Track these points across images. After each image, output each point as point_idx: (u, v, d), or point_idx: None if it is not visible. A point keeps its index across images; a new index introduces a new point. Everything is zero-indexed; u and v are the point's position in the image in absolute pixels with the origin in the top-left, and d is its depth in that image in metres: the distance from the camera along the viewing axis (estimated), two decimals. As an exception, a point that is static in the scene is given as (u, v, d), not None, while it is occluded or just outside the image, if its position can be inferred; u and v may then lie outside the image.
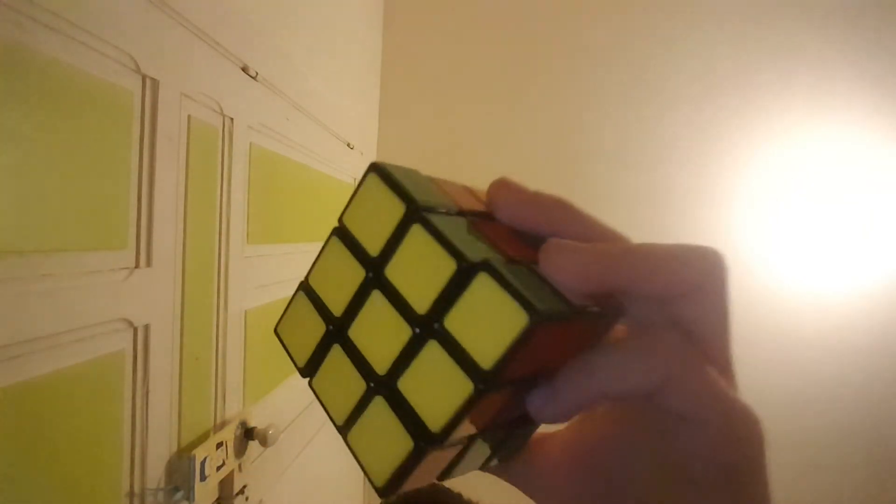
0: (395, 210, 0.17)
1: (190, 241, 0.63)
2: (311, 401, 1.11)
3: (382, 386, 0.17)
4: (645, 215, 1.62)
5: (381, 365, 0.17)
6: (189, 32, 0.62)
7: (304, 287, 0.20)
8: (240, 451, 0.75)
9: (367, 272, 0.17)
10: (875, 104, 1.56)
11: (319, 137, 1.11)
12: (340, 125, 1.25)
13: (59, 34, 0.43)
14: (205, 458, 0.64)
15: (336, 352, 0.18)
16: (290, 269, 0.98)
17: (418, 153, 1.72)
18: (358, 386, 0.17)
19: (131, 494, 0.54)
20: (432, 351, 0.16)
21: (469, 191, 0.20)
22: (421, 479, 0.17)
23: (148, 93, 0.55)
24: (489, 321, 0.15)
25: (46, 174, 0.43)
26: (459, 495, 0.94)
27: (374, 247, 0.17)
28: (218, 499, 0.72)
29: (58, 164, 0.45)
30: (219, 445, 0.68)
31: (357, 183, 0.18)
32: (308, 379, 0.20)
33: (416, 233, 0.16)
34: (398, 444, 0.16)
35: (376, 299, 0.17)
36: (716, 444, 0.16)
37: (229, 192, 0.73)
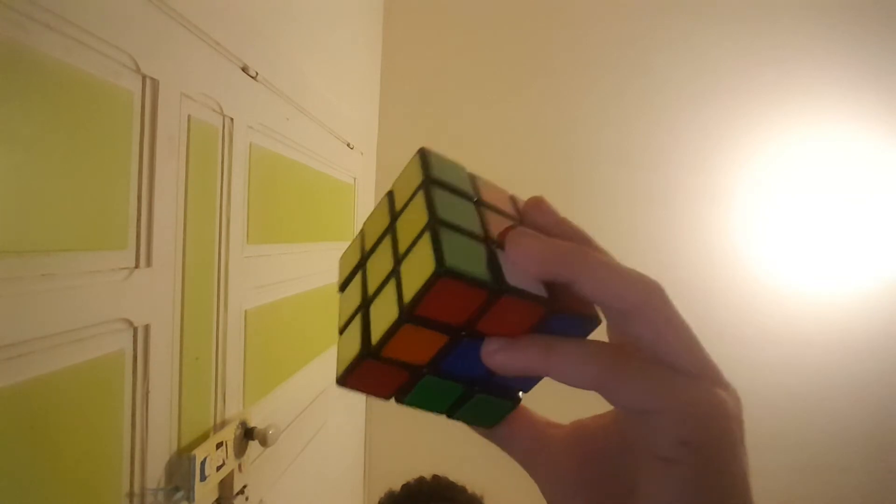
0: (415, 179, 0.22)
1: (190, 241, 0.63)
2: (311, 401, 1.11)
3: (364, 306, 0.22)
4: (644, 214, 1.62)
5: (370, 291, 0.22)
6: (189, 32, 0.62)
7: (361, 230, 0.25)
8: (240, 451, 0.75)
9: (389, 222, 0.22)
10: (875, 104, 1.56)
11: (319, 137, 1.11)
12: (340, 125, 1.25)
13: (59, 34, 0.43)
14: (205, 458, 0.64)
15: (357, 277, 0.23)
16: (290, 269, 0.98)
17: (418, 153, 1.72)
18: (355, 303, 0.22)
19: (131, 494, 0.55)
20: (391, 284, 0.20)
21: (510, 198, 0.24)
22: (375, 387, 0.22)
23: (148, 93, 0.55)
24: (419, 266, 0.19)
25: (46, 174, 0.43)
26: (464, 488, 0.94)
27: (398, 205, 0.22)
28: (218, 499, 0.72)
29: (58, 164, 0.45)
30: (219, 445, 0.68)
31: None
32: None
33: (419, 196, 0.21)
34: (354, 348, 0.20)
35: (386, 242, 0.22)
36: (677, 425, 0.18)
37: (229, 192, 0.73)
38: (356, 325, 0.21)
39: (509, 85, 1.69)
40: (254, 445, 0.78)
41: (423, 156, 0.22)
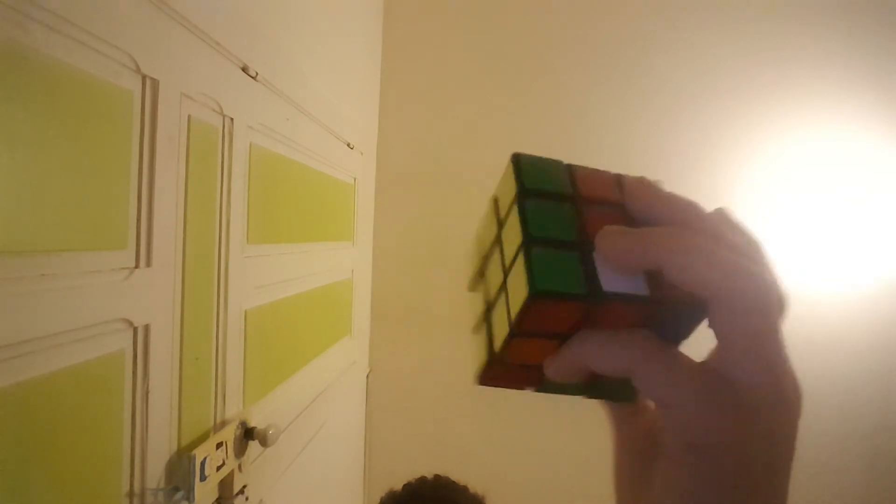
0: (511, 190, 0.22)
1: (190, 241, 0.63)
2: (312, 401, 1.11)
3: (487, 311, 0.23)
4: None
5: (490, 297, 0.23)
6: (189, 32, 0.62)
7: (477, 234, 0.26)
8: (240, 451, 0.75)
9: (496, 232, 0.23)
10: (875, 103, 1.56)
11: (319, 137, 1.11)
12: (340, 125, 1.25)
13: (59, 34, 0.43)
14: (205, 458, 0.64)
15: (481, 280, 0.24)
16: (290, 269, 0.98)
17: (418, 153, 1.72)
18: (480, 308, 0.23)
19: (131, 494, 0.54)
20: (502, 298, 0.21)
21: (615, 180, 0.24)
22: (508, 384, 0.23)
23: (148, 93, 0.55)
24: (518, 286, 0.20)
25: (46, 174, 0.43)
26: (465, 488, 0.94)
27: (502, 213, 0.23)
28: (218, 499, 0.72)
29: (58, 164, 0.45)
30: (219, 445, 0.68)
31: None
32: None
33: (514, 210, 0.21)
34: (482, 353, 0.22)
35: (496, 253, 0.23)
36: (681, 424, 0.18)
37: (229, 192, 0.73)
38: (482, 328, 0.23)
39: (509, 85, 1.69)
40: (254, 445, 0.78)
41: (516, 163, 0.23)
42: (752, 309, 0.19)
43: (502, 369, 0.22)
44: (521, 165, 0.22)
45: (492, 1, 1.70)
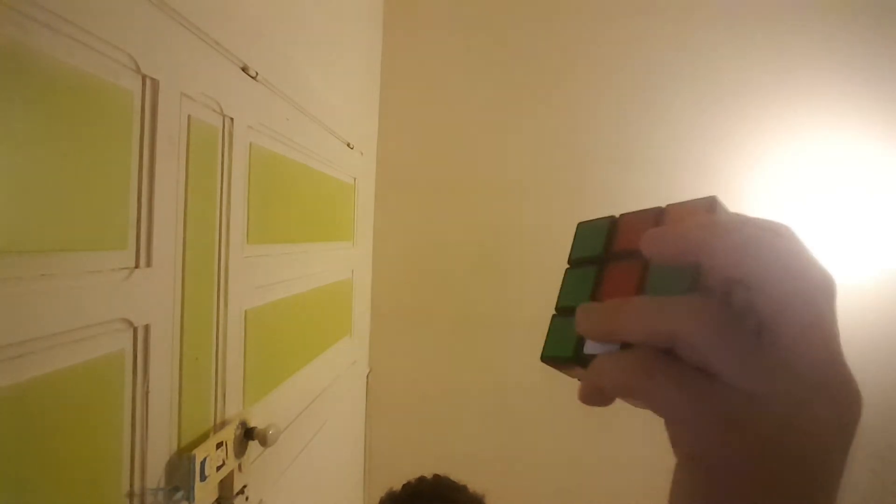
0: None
1: (190, 241, 0.63)
2: (312, 401, 1.11)
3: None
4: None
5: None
6: (189, 32, 0.62)
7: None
8: (240, 451, 0.75)
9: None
10: (876, 105, 1.56)
11: (319, 137, 1.11)
12: (340, 125, 1.25)
13: (59, 34, 0.43)
14: (205, 458, 0.64)
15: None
16: (290, 269, 0.98)
17: (418, 153, 1.72)
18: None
19: (131, 494, 0.55)
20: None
21: (654, 218, 0.24)
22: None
23: (148, 93, 0.55)
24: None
25: (46, 174, 0.43)
26: (465, 487, 0.94)
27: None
28: (218, 499, 0.72)
29: (58, 164, 0.45)
30: (219, 445, 0.68)
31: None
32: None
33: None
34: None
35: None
36: (683, 437, 0.19)
37: (229, 192, 0.73)
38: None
39: (510, 85, 1.69)
40: (254, 445, 0.78)
41: (576, 231, 0.26)
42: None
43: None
44: (577, 232, 0.26)
45: (492, 2, 1.70)
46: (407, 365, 1.74)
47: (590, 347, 0.23)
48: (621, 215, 0.25)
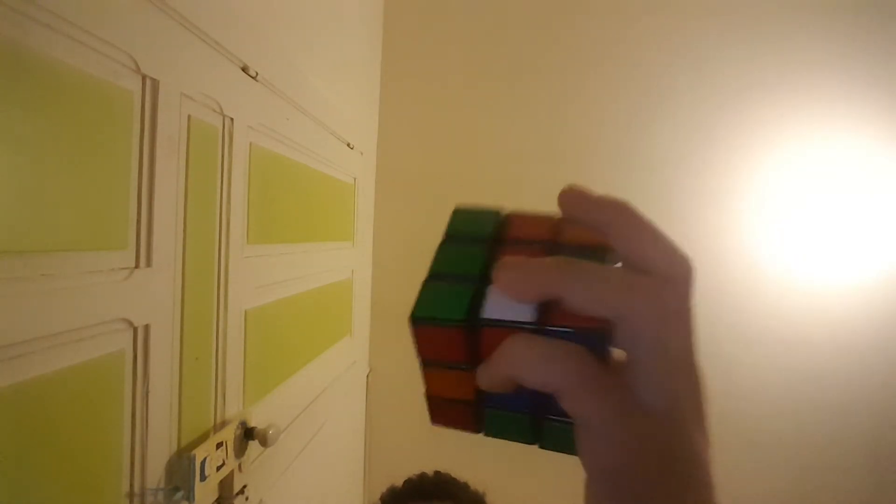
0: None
1: (190, 241, 0.63)
2: (312, 401, 1.11)
3: None
4: (649, 217, 1.62)
5: None
6: (189, 32, 0.62)
7: None
8: (240, 451, 0.75)
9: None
10: (876, 106, 1.56)
11: (319, 137, 1.11)
12: (340, 125, 1.25)
13: (59, 34, 0.43)
14: (205, 458, 0.64)
15: None
16: (290, 269, 0.98)
17: (418, 153, 1.72)
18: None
19: (131, 494, 0.54)
20: None
21: (556, 222, 0.24)
22: (457, 424, 0.24)
23: (148, 93, 0.55)
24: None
25: (46, 174, 0.43)
26: (466, 484, 0.94)
27: None
28: (218, 499, 0.72)
29: (58, 164, 0.45)
30: (219, 445, 0.68)
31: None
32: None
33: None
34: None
35: None
36: (596, 446, 0.19)
37: (229, 192, 0.73)
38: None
39: (510, 85, 1.69)
40: (254, 445, 0.78)
41: (452, 213, 0.25)
42: (665, 322, 0.19)
43: (443, 407, 0.23)
44: (453, 216, 0.25)
45: (492, 1, 1.70)
46: (407, 365, 1.72)
47: (493, 311, 0.20)
48: (508, 213, 0.25)
